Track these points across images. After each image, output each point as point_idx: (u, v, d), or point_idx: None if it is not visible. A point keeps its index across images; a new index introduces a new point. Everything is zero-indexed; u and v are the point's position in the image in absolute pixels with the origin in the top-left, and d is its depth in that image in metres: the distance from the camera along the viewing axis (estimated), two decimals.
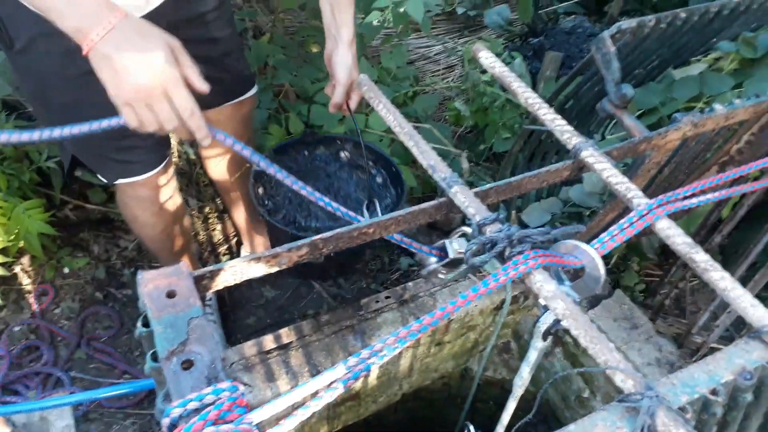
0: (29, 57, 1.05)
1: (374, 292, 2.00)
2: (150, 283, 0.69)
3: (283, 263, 0.78)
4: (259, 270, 0.78)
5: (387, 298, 1.65)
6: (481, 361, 1.85)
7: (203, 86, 0.88)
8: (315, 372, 1.43)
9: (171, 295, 0.69)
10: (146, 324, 0.67)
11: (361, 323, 1.57)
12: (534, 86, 2.49)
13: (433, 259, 0.95)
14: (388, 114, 1.00)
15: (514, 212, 1.83)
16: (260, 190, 1.60)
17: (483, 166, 2.41)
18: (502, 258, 0.78)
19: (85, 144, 1.18)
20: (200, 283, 0.72)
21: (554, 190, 1.94)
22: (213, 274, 0.73)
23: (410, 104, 2.32)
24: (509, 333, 1.83)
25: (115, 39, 0.79)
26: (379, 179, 1.68)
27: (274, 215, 1.56)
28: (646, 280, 2.12)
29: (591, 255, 0.81)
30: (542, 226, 1.92)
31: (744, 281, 1.44)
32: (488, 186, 0.92)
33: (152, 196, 1.35)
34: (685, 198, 0.88)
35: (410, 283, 1.70)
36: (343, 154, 1.71)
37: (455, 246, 0.90)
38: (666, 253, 2.07)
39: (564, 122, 0.99)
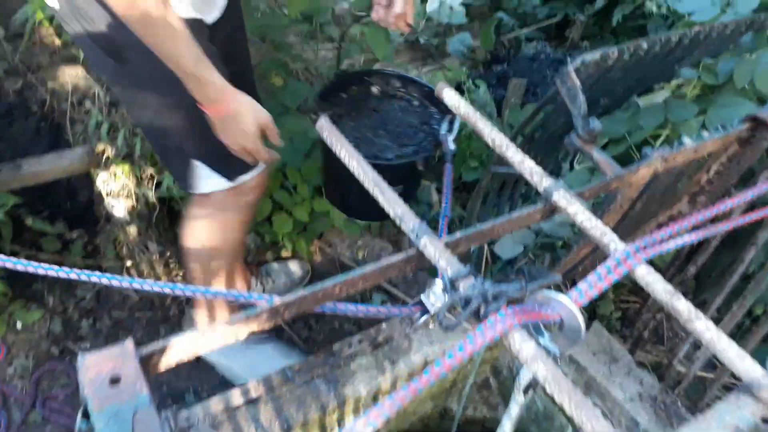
0: (141, 68, 1.18)
1: (347, 333, 1.94)
2: (92, 368, 0.62)
3: (241, 333, 0.72)
4: (216, 341, 0.71)
5: (360, 341, 1.59)
6: (460, 400, 1.80)
7: (277, 140, 1.27)
8: (286, 427, 1.36)
9: (115, 380, 0.62)
10: (87, 415, 0.60)
11: (334, 371, 1.51)
12: (499, 113, 2.48)
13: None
14: (351, 159, 0.95)
15: (485, 245, 1.80)
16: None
17: (453, 196, 2.38)
18: (477, 315, 0.74)
19: (215, 145, 1.28)
20: (148, 364, 0.66)
21: None
22: (162, 352, 0.66)
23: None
24: (488, 369, 1.78)
25: (229, 110, 1.16)
26: (423, 107, 1.75)
27: None
28: (622, 307, 2.10)
29: (569, 307, 0.77)
30: (515, 258, 1.90)
31: (720, 311, 1.43)
32: (459, 235, 0.88)
33: (259, 192, 1.48)
34: (663, 242, 0.85)
35: (384, 324, 1.65)
36: (375, 89, 1.76)
37: (432, 300, 0.85)
38: None
39: (533, 163, 0.96)
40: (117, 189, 1.78)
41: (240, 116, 1.17)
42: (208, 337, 0.70)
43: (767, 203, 1.14)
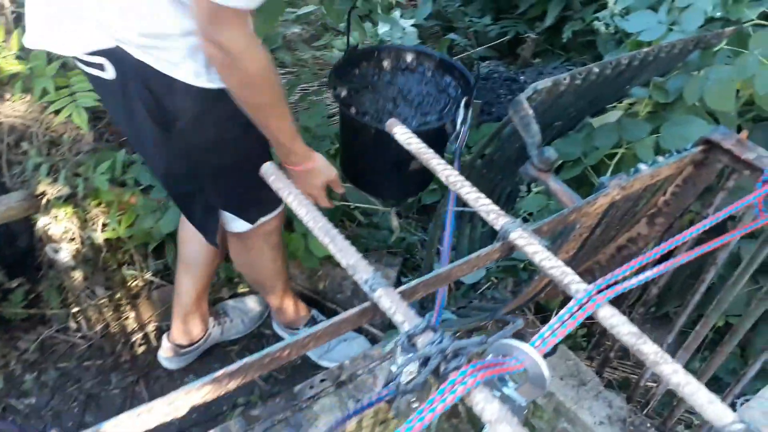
0: (187, 138, 1.24)
1: (311, 369, 1.87)
2: None
3: (181, 410, 0.66)
4: (152, 422, 0.65)
5: (322, 381, 1.53)
6: (429, 430, 1.75)
7: (340, 190, 1.55)
8: None
9: None
10: None
11: (296, 414, 1.45)
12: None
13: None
14: (300, 207, 0.90)
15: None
16: (343, 93, 1.67)
17: (414, 219, 2.35)
18: (437, 374, 0.70)
19: (242, 192, 1.44)
20: None
21: (487, 243, 1.89)
22: None
23: (333, 163, 2.24)
24: None
25: (307, 168, 1.38)
26: (437, 76, 1.77)
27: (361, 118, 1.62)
28: (586, 322, 2.09)
29: (533, 357, 0.74)
30: (477, 282, 1.87)
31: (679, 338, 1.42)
32: (415, 282, 0.84)
33: (279, 227, 1.62)
34: (626, 279, 0.83)
35: (347, 361, 1.59)
36: (386, 63, 1.79)
37: (395, 368, 0.80)
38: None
39: (488, 201, 0.93)
40: (59, 233, 1.69)
41: (314, 173, 1.42)
42: (144, 417, 0.64)
43: (724, 227, 1.13)
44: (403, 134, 1.06)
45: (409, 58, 1.81)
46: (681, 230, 1.41)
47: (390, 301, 0.77)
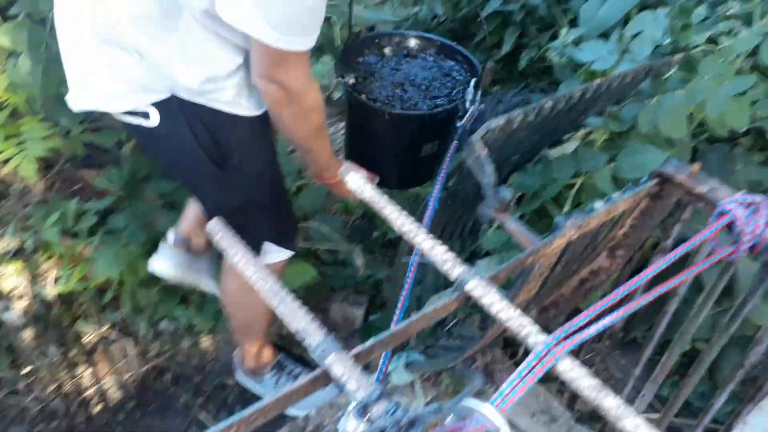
0: (241, 170, 1.30)
1: (277, 418, 1.80)
2: None
3: None
4: None
5: None
6: None
7: (377, 179, 1.58)
8: None
9: None
10: None
11: None
12: None
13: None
14: (247, 265, 0.86)
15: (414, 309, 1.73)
16: (351, 80, 1.67)
17: (379, 254, 2.32)
18: None
19: (285, 218, 1.54)
20: None
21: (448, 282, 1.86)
22: None
23: (296, 200, 2.20)
24: None
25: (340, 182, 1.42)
26: (440, 60, 1.80)
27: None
28: None
29: (492, 418, 0.70)
30: (443, 319, 1.84)
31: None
32: (370, 342, 0.81)
33: (282, 267, 1.62)
34: (584, 327, 0.81)
35: (313, 411, 1.54)
36: (388, 50, 1.81)
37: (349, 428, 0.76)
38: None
39: (443, 249, 0.90)
40: (8, 290, 1.61)
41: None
42: None
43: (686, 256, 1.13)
44: (356, 181, 1.04)
45: (411, 43, 1.84)
46: (642, 261, 1.41)
47: (342, 368, 0.74)
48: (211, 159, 1.25)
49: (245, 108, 1.22)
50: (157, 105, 1.18)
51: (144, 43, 1.12)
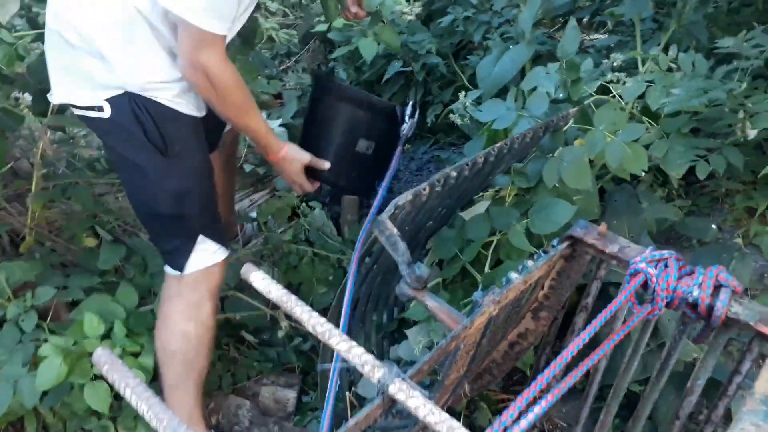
0: (183, 159, 1.46)
1: None
2: None
3: None
4: None
5: None
6: None
7: (323, 166, 1.71)
8: None
9: None
10: None
11: None
12: (339, 231, 2.41)
13: None
14: (139, 401, 0.77)
15: (348, 393, 1.65)
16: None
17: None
18: None
19: (218, 221, 1.63)
20: None
21: (382, 353, 1.80)
22: None
23: None
24: None
25: (286, 155, 1.63)
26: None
27: None
28: (500, 407, 2.03)
29: None
30: None
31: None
32: None
33: (220, 281, 1.65)
34: (514, 422, 0.77)
35: None
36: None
37: None
38: (510, 374, 2.01)
39: (361, 350, 0.85)
40: None
41: (288, 159, 1.65)
42: None
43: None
44: (260, 281, 0.97)
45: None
46: (566, 320, 1.40)
47: None
48: (156, 146, 1.40)
49: (185, 106, 1.43)
50: (110, 99, 1.36)
51: (107, 49, 1.32)
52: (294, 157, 1.65)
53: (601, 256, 1.10)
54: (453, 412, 1.71)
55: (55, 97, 1.45)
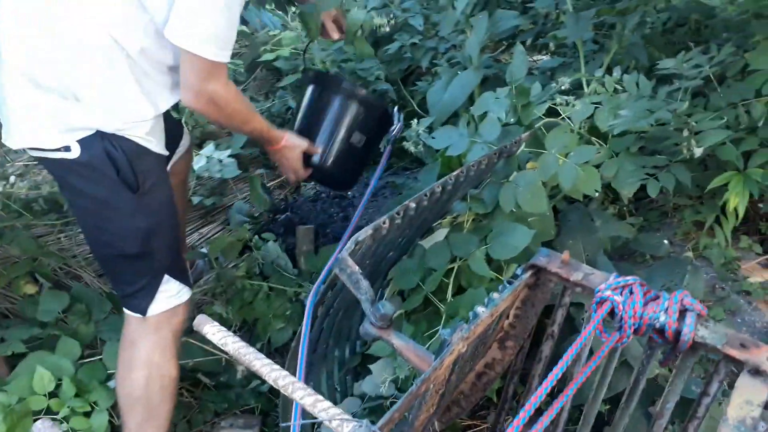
0: (153, 194, 1.44)
1: None
2: None
3: None
4: None
5: None
6: None
7: (316, 150, 1.84)
8: None
9: None
10: None
11: None
12: (294, 263, 2.35)
13: None
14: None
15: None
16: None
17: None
18: None
19: (182, 260, 1.61)
20: None
21: (346, 389, 1.75)
22: None
23: None
24: None
25: (287, 144, 1.74)
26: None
27: None
28: None
29: None
30: None
31: None
32: None
33: (183, 323, 1.60)
34: None
35: None
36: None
37: None
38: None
39: (328, 404, 0.80)
40: None
41: (289, 147, 1.75)
42: None
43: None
44: (215, 334, 0.91)
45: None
46: (533, 349, 1.38)
47: None
48: (127, 183, 1.39)
49: (155, 145, 1.44)
50: (81, 140, 1.33)
51: (85, 91, 1.31)
52: (294, 144, 1.76)
53: (566, 284, 1.09)
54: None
55: (16, 141, 1.38)
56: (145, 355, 1.53)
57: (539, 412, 0.82)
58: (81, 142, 1.33)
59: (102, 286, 2.23)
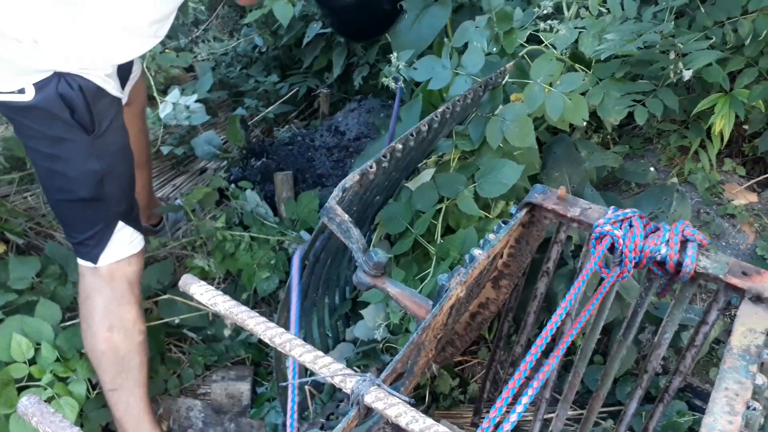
0: (108, 138, 1.41)
1: None
2: None
3: None
4: None
5: None
6: None
7: None
8: None
9: None
10: None
11: None
12: (275, 211, 2.29)
13: None
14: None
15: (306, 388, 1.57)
16: None
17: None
18: None
19: (133, 203, 1.55)
20: None
21: (338, 334, 1.73)
22: None
23: (146, 273, 1.94)
24: None
25: None
26: None
27: None
28: (458, 370, 2.02)
29: None
30: None
31: None
32: None
33: (139, 273, 1.57)
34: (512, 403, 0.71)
35: None
36: None
37: None
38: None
39: (328, 359, 0.77)
40: None
41: None
42: None
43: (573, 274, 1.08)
44: (203, 294, 0.86)
45: None
46: (527, 288, 1.36)
47: None
48: (81, 124, 1.35)
49: (112, 87, 1.39)
50: (37, 83, 1.28)
51: (43, 32, 1.24)
52: None
53: (562, 220, 1.06)
54: (417, 387, 1.68)
55: None
56: (101, 307, 1.50)
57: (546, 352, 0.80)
58: (36, 85, 1.29)
59: None
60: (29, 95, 1.30)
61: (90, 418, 1.67)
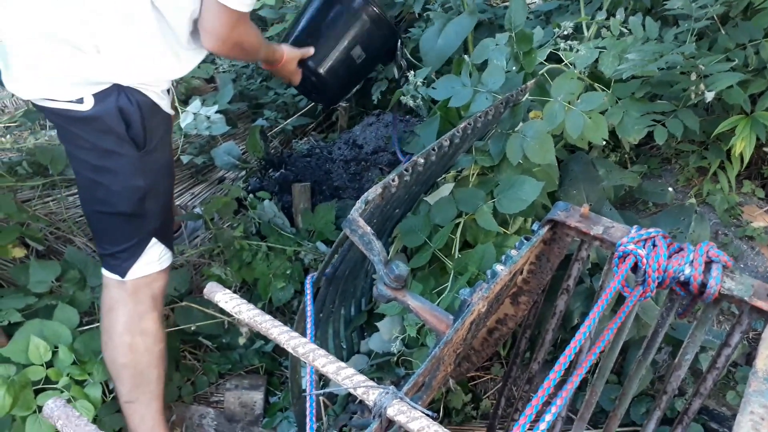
0: (156, 155, 1.43)
1: None
2: None
3: None
4: None
5: None
6: None
7: (309, 52, 1.91)
8: None
9: None
10: None
11: None
12: (291, 222, 2.30)
13: None
14: None
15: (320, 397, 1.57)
16: None
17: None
18: None
19: (169, 221, 1.59)
20: None
21: (352, 346, 1.73)
22: None
23: None
24: None
25: (286, 59, 1.83)
26: None
27: None
28: (471, 386, 2.01)
29: None
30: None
31: None
32: None
33: (164, 289, 1.58)
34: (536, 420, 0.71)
35: None
36: None
37: None
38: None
39: (351, 371, 0.77)
40: None
41: (289, 59, 1.84)
42: None
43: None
44: (228, 301, 0.87)
45: None
46: (546, 305, 1.36)
47: None
48: (134, 140, 1.37)
49: (165, 104, 1.43)
50: (96, 93, 1.31)
51: (106, 43, 1.28)
52: (292, 56, 1.86)
53: (585, 238, 1.06)
54: (432, 401, 1.67)
55: (24, 91, 1.36)
56: (124, 320, 1.50)
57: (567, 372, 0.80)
58: (96, 95, 1.31)
59: (95, 249, 2.18)
60: (87, 105, 1.31)
61: (104, 422, 1.67)
